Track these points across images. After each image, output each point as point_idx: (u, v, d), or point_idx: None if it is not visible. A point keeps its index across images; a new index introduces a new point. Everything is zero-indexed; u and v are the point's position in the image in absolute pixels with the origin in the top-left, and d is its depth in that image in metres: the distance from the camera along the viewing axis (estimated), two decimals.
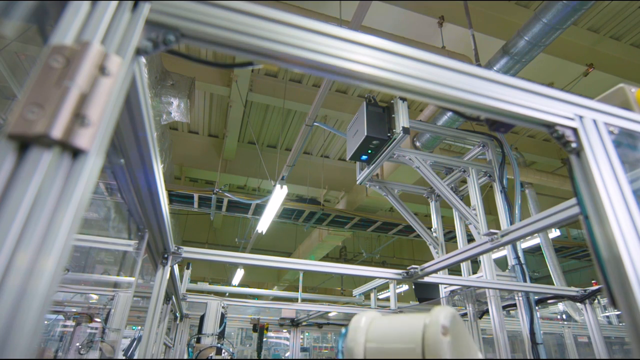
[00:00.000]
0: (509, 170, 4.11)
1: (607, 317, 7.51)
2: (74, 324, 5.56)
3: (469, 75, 0.81)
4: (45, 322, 6.08)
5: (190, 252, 2.21)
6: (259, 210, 7.93)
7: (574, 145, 0.82)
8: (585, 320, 5.40)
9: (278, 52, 0.70)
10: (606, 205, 0.75)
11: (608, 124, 0.89)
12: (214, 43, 0.68)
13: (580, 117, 0.86)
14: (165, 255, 2.09)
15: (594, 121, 0.88)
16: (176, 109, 6.08)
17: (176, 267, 2.82)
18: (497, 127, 0.86)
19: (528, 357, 3.22)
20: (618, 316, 7.84)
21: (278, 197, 6.14)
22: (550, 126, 0.84)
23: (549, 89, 0.88)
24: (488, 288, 3.32)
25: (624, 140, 0.92)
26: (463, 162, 4.17)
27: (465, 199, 4.18)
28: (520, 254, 3.67)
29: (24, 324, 0.38)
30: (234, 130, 8.63)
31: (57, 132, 0.45)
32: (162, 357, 5.16)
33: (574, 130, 0.84)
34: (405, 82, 0.74)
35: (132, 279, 1.57)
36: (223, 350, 3.22)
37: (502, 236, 1.79)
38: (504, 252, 5.11)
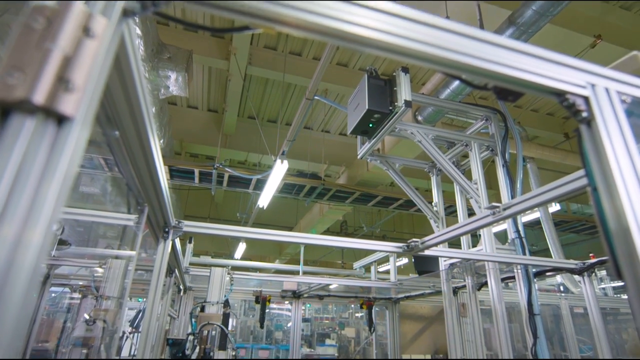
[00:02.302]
0: (511, 144, 4.07)
1: (603, 289, 7.64)
2: (80, 296, 5.70)
3: (478, 40, 0.77)
4: (53, 294, 6.22)
5: (191, 226, 2.21)
6: (260, 185, 7.93)
7: (584, 114, 0.79)
8: (581, 292, 5.50)
9: (277, 14, 0.65)
10: (616, 177, 0.72)
11: (621, 92, 0.85)
12: (207, 4, 0.63)
13: (592, 85, 0.82)
14: (166, 229, 2.09)
15: (606, 89, 0.84)
16: (174, 82, 5.97)
17: (178, 241, 2.84)
18: (505, 95, 0.82)
19: (525, 328, 3.28)
20: (614, 288, 7.98)
21: (279, 172, 6.12)
22: (560, 94, 0.80)
23: (560, 55, 0.84)
24: (488, 261, 3.34)
25: (636, 110, 0.89)
26: (465, 136, 4.13)
27: (467, 173, 4.16)
28: (521, 228, 3.69)
29: (12, 297, 0.37)
30: (233, 105, 8.51)
31: (39, 97, 0.42)
32: (167, 328, 5.30)
33: (586, 99, 0.81)
34: (412, 47, 0.70)
35: (133, 252, 1.57)
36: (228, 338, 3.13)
37: (504, 209, 1.77)
38: (504, 226, 5.14)
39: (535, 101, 9.13)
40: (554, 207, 7.70)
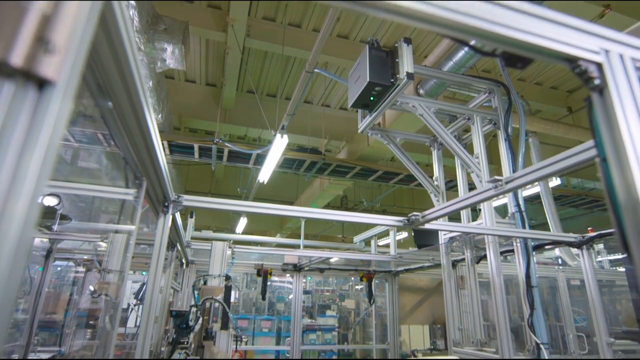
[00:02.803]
0: (514, 118, 4.01)
1: (600, 262, 7.74)
2: (84, 270, 5.79)
3: (488, 2, 0.72)
4: (59, 268, 6.32)
5: (191, 200, 2.20)
6: (260, 160, 7.90)
7: (597, 82, 0.76)
8: (578, 265, 5.57)
9: None
10: (628, 147, 0.70)
11: (635, 59, 0.81)
12: None
13: (606, 52, 0.78)
14: (166, 204, 2.08)
15: (621, 56, 0.80)
16: (170, 55, 5.83)
17: (178, 216, 2.84)
18: (513, 62, 0.78)
19: (523, 299, 3.33)
20: (610, 261, 8.09)
21: (279, 146, 6.07)
22: (572, 61, 0.76)
23: (574, 19, 0.79)
24: (489, 235, 3.36)
25: None
26: (468, 110, 4.06)
27: (468, 147, 4.12)
28: (521, 202, 3.68)
29: None
30: (232, 79, 8.35)
31: (17, 59, 0.39)
32: (171, 300, 5.41)
33: (598, 65, 0.77)
34: (420, 8, 0.66)
35: (133, 227, 1.57)
36: (230, 326, 3.13)
37: (507, 183, 1.75)
38: (503, 200, 5.14)
39: (540, 74, 8.96)
40: (555, 182, 7.70)
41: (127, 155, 1.46)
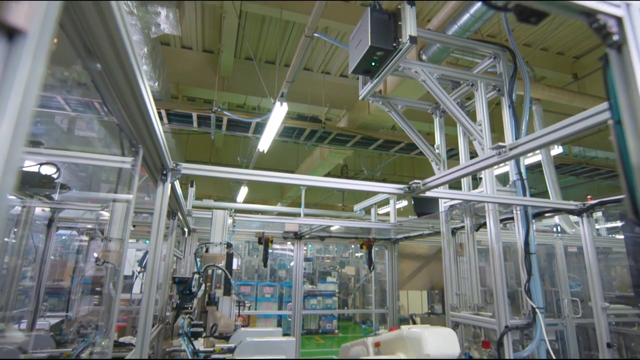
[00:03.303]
0: (518, 85, 3.91)
1: (598, 230, 7.83)
2: (87, 239, 5.85)
3: None
4: (63, 237, 6.41)
5: (189, 168, 2.18)
6: (260, 129, 7.81)
7: (615, 37, 0.71)
8: (576, 233, 5.63)
9: None
10: None
11: None
12: None
13: (627, 5, 0.73)
14: (164, 172, 2.06)
15: None
16: (165, 20, 5.62)
17: (178, 185, 2.82)
18: (527, 16, 0.73)
19: (520, 266, 3.38)
20: (608, 229, 8.17)
21: (278, 114, 5.98)
22: (590, 14, 0.71)
23: None
24: (490, 202, 3.36)
25: None
26: (472, 75, 3.95)
27: (471, 115, 4.05)
28: (523, 170, 3.66)
29: None
30: (229, 45, 8.11)
31: None
32: (174, 268, 5.51)
33: (618, 19, 0.72)
34: None
35: (131, 196, 1.55)
36: (232, 292, 3.18)
37: (511, 149, 1.72)
38: (504, 169, 5.12)
39: (546, 38, 8.68)
40: (557, 150, 7.64)
41: (121, 122, 1.42)
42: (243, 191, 11.77)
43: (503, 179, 4.02)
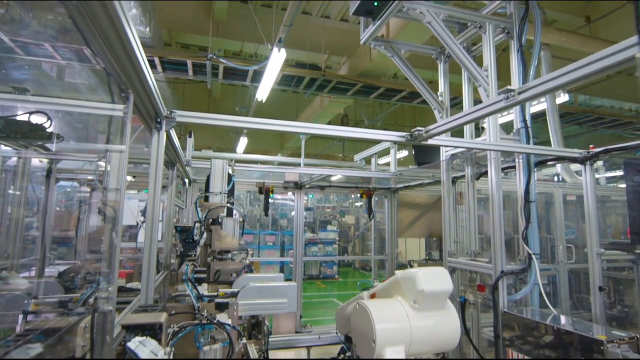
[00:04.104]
0: (529, 29, 3.70)
1: (597, 179, 7.85)
2: (89, 190, 5.89)
3: None
4: (68, 189, 6.47)
5: (185, 116, 2.11)
6: (258, 77, 7.56)
7: None
8: (576, 182, 5.63)
9: None
10: None
11: None
12: None
13: None
14: (158, 120, 1.99)
15: None
16: None
17: (175, 135, 2.76)
18: None
19: (520, 214, 3.41)
20: (607, 178, 8.21)
21: (276, 61, 5.76)
22: None
23: None
24: (493, 150, 3.31)
25: None
26: (481, 17, 3.73)
27: (477, 61, 3.88)
28: (528, 118, 3.58)
29: None
30: None
31: None
32: (177, 218, 5.60)
33: None
34: None
35: (124, 147, 1.50)
36: (234, 212, 3.35)
37: (520, 93, 1.64)
38: (507, 118, 5.00)
39: None
40: (563, 98, 7.44)
41: (107, 64, 1.33)
42: (243, 142, 11.69)
43: (506, 128, 3.94)
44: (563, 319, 2.90)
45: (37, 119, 2.07)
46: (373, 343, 1.48)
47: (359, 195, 6.54)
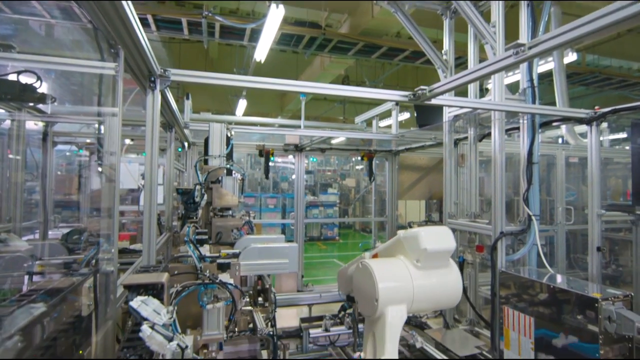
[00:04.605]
0: None
1: (601, 140, 7.77)
2: (88, 153, 5.86)
3: None
4: (67, 153, 6.45)
5: (179, 74, 2.03)
6: (256, 36, 7.29)
7: None
8: (579, 144, 5.57)
9: None
10: None
11: None
12: None
13: None
14: (152, 79, 1.92)
15: None
16: None
17: (170, 95, 2.68)
18: None
19: (521, 176, 3.38)
20: (611, 141, 8.13)
21: (274, 18, 5.50)
22: None
23: None
24: (499, 110, 3.23)
25: None
26: None
27: (485, 17, 3.70)
28: (535, 76, 3.46)
29: None
30: None
31: None
32: (177, 181, 5.60)
33: None
34: None
35: (116, 109, 1.45)
36: (234, 172, 3.36)
37: (530, 48, 1.55)
38: (513, 78, 4.85)
39: None
40: (571, 57, 7.20)
41: (94, 18, 1.25)
42: (242, 104, 11.48)
43: (510, 89, 3.83)
44: (559, 278, 2.96)
45: (26, 80, 1.99)
46: (375, 301, 1.50)
47: (359, 158, 6.48)
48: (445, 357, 3.27)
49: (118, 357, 1.04)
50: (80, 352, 1.79)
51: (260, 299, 3.28)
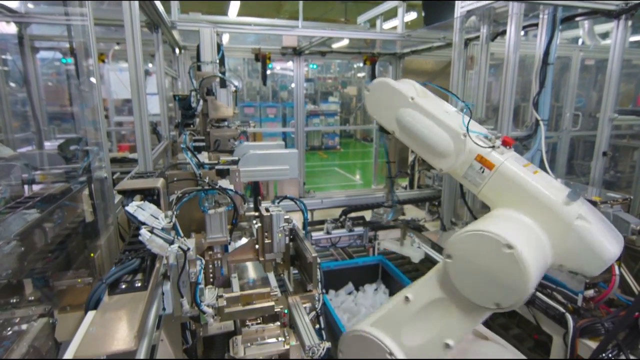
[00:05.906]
0: None
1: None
2: (73, 60, 5.50)
3: None
4: (56, 63, 6.11)
5: None
6: None
7: None
8: (596, 45, 5.18)
9: None
10: None
11: None
12: None
13: None
14: None
15: None
16: None
17: None
18: None
19: (534, 78, 3.19)
20: (630, 43, 7.59)
21: None
22: None
23: None
24: (519, 0, 2.91)
25: None
26: None
27: None
28: None
29: None
30: None
31: None
32: (171, 88, 5.36)
33: None
34: None
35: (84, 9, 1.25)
36: (227, 82, 3.22)
37: None
38: None
39: None
40: None
41: None
42: (234, 5, 10.52)
43: None
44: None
45: None
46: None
47: (361, 64, 6.10)
48: (441, 257, 3.46)
49: (119, 259, 1.04)
50: (92, 254, 1.86)
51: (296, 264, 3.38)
